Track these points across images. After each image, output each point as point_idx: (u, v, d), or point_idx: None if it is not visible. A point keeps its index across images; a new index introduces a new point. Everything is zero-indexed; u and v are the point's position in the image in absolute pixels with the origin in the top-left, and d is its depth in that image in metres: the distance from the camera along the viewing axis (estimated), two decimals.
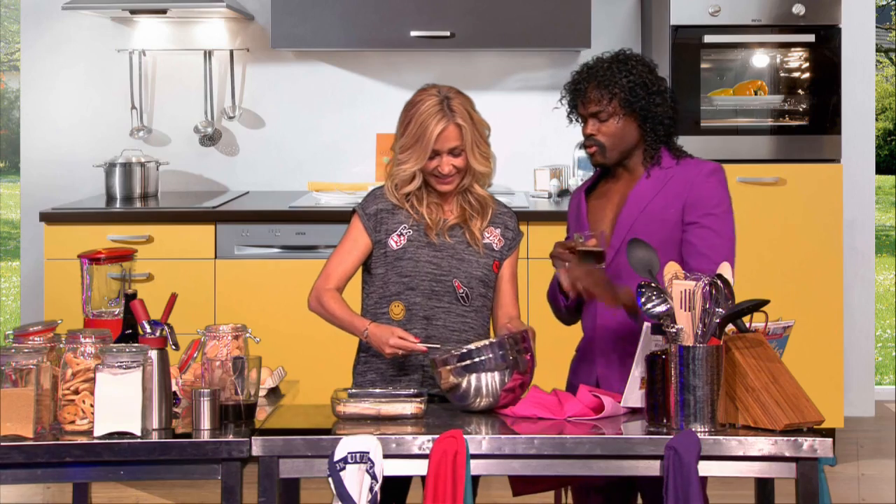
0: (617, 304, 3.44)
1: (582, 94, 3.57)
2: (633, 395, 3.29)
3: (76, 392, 3.17)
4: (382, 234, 3.64)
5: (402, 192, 3.64)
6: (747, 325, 3.26)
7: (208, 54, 6.14)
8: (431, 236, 3.62)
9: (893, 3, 15.26)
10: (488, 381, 3.29)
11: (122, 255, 3.85)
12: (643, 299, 3.18)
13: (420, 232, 3.63)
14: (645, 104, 3.54)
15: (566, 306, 3.64)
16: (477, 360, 3.29)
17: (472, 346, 3.37)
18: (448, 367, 3.30)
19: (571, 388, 3.60)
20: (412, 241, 3.62)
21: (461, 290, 3.61)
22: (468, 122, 3.59)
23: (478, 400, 3.31)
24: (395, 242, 3.63)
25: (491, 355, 3.29)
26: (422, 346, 3.47)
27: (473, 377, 3.29)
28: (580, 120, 3.63)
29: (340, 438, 3.09)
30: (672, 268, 3.24)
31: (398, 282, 3.62)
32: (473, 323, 3.63)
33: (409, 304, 3.61)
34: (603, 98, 3.54)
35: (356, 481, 3.04)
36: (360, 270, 3.71)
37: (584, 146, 3.63)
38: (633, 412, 3.30)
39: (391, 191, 3.66)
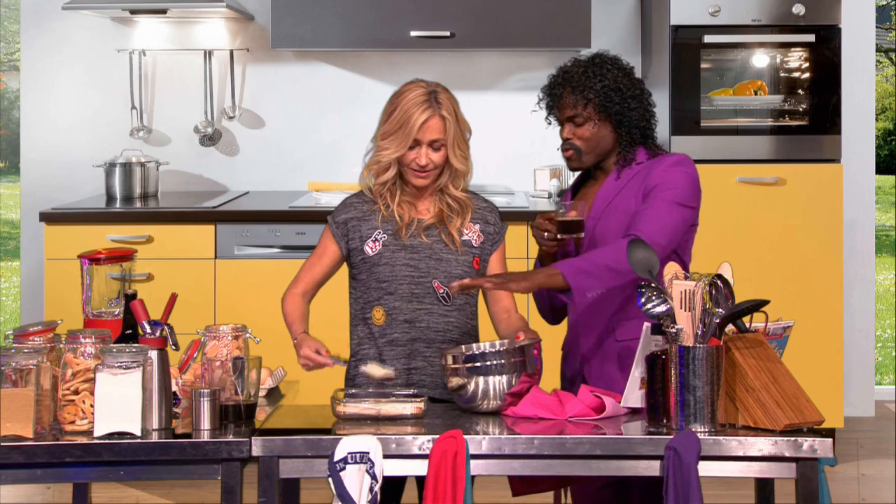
0: (532, 287, 3.41)
1: (557, 99, 3.58)
2: (633, 395, 3.29)
3: (76, 392, 3.17)
4: (357, 242, 3.62)
5: (379, 182, 3.62)
6: (747, 325, 3.26)
7: (208, 54, 6.14)
8: (404, 238, 3.60)
9: (893, 3, 15.25)
10: (496, 385, 3.29)
11: (122, 256, 3.85)
12: (643, 299, 3.18)
13: (394, 236, 3.61)
14: (619, 108, 3.55)
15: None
16: (489, 363, 3.29)
17: (483, 349, 3.38)
18: (456, 368, 3.30)
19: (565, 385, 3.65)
20: (387, 246, 3.60)
21: (441, 291, 3.59)
22: (452, 117, 3.57)
23: (485, 402, 3.31)
24: (370, 248, 3.61)
25: (503, 361, 3.29)
26: (328, 362, 3.45)
27: (482, 380, 3.29)
28: (558, 123, 3.64)
29: (340, 438, 3.09)
30: (672, 268, 3.24)
31: (377, 287, 3.60)
32: (457, 322, 3.62)
33: (389, 309, 3.59)
34: (578, 103, 3.55)
35: (356, 481, 3.04)
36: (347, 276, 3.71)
37: (561, 149, 3.64)
38: (633, 412, 3.30)
39: (366, 183, 3.65)
